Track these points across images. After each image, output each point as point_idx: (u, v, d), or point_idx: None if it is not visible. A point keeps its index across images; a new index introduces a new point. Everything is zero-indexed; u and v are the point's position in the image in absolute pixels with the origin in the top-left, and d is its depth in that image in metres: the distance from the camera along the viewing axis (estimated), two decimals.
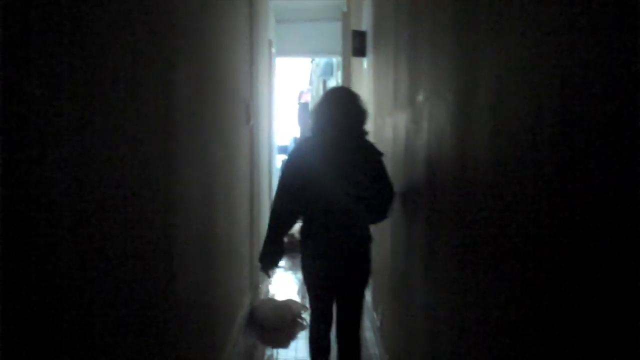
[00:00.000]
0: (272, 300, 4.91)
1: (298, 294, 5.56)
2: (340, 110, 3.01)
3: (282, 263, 6.97)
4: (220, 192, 3.41)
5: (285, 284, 6.05)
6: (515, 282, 1.31)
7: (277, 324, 4.50)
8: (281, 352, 4.16)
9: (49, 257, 1.20)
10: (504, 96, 1.41)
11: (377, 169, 2.98)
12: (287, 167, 3.03)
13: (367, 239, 3.04)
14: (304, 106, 10.90)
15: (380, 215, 3.03)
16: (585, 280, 0.98)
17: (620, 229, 0.87)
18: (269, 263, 3.06)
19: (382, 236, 3.84)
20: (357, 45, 5.10)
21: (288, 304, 4.68)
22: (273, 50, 7.50)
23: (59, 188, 1.24)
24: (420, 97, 2.49)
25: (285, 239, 3.15)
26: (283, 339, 4.39)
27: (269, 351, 4.15)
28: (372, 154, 3.01)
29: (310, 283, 3.09)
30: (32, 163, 1.13)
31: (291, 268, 6.77)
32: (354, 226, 2.97)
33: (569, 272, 1.05)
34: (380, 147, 3.12)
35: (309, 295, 3.18)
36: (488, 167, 1.52)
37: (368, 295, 4.77)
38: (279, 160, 8.51)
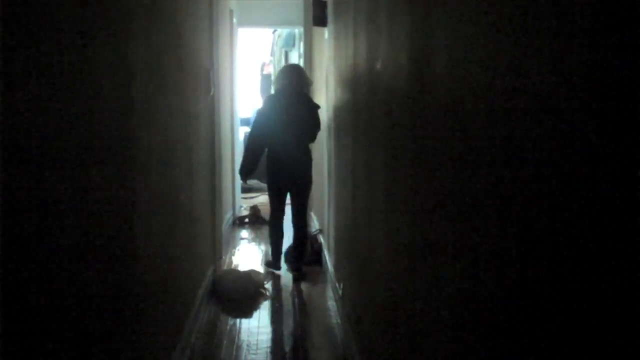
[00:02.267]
0: (235, 271, 4.92)
1: (261, 264, 5.58)
2: (292, 78, 5.01)
3: (245, 234, 6.99)
4: (181, 161, 3.39)
5: (248, 255, 6.07)
6: (474, 246, 1.34)
7: (240, 294, 4.51)
8: (244, 322, 4.18)
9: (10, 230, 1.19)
10: (456, 63, 1.42)
11: (314, 116, 5.01)
12: (257, 116, 5.12)
13: (308, 159, 5.05)
14: (266, 78, 10.84)
15: (312, 139, 5.09)
16: (553, 234, 1.01)
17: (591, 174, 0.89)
18: (245, 175, 5.14)
19: (343, 211, 3.87)
20: (318, 14, 5.08)
21: (251, 274, 4.70)
22: (234, 20, 7.42)
23: (20, 156, 1.23)
24: (378, 65, 2.50)
25: (250, 211, 5.71)
26: (246, 309, 4.41)
27: (231, 321, 4.17)
28: (311, 107, 5.03)
29: (272, 190, 5.15)
30: None
31: (254, 239, 6.78)
32: (298, 151, 4.96)
33: (528, 228, 1.07)
34: (316, 101, 5.22)
35: (271, 197, 5.20)
36: (443, 130, 1.54)
37: (330, 267, 4.81)
38: (242, 132, 8.44)
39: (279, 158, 4.95)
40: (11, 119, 1.23)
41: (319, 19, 5.05)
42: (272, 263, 5.28)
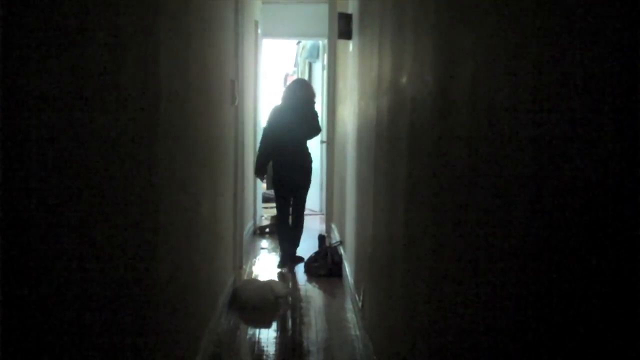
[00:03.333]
0: (255, 281, 4.94)
1: (279, 276, 5.60)
2: (298, 92, 5.84)
3: (265, 244, 7.01)
4: (204, 170, 3.42)
5: (267, 265, 6.08)
6: (492, 262, 1.35)
7: (260, 304, 4.53)
8: (263, 332, 4.20)
9: (23, 236, 1.22)
10: (481, 82, 1.43)
11: (316, 125, 5.82)
12: (266, 125, 5.95)
13: (307, 162, 5.80)
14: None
15: (311, 137, 5.87)
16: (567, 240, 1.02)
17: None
18: (260, 175, 6.14)
19: (364, 223, 3.88)
20: (343, 27, 5.10)
21: (270, 284, 4.72)
22: (259, 31, 7.48)
23: (42, 166, 1.26)
24: (403, 80, 2.52)
25: (271, 221, 6.93)
26: (265, 319, 4.43)
27: (250, 331, 4.19)
28: (315, 118, 5.83)
29: (278, 190, 5.91)
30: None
31: (274, 249, 6.80)
32: (298, 155, 5.71)
33: (545, 244, 1.08)
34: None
35: (276, 196, 5.98)
36: (466, 150, 1.55)
37: (350, 278, 4.82)
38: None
39: (283, 161, 5.75)
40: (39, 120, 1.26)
41: (344, 32, 5.08)
42: (281, 263, 5.84)
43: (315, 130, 5.79)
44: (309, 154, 5.80)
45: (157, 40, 2.23)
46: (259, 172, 5.99)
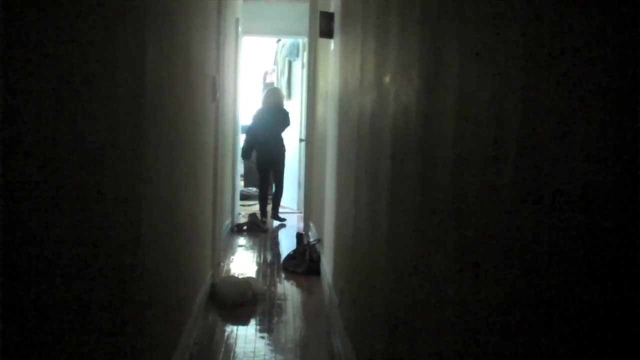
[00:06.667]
0: (234, 278, 4.94)
1: (257, 274, 5.60)
2: (271, 98, 8.27)
3: (243, 241, 7.01)
4: (185, 165, 3.42)
5: (246, 262, 6.08)
6: (475, 253, 1.37)
7: (238, 300, 4.53)
8: (241, 329, 4.20)
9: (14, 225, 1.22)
10: (467, 81, 1.46)
11: (287, 120, 8.19)
12: (252, 121, 8.28)
13: (281, 148, 8.19)
14: (268, 87, 10.87)
15: (284, 128, 8.19)
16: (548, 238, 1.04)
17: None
18: (245, 155, 8.41)
19: (344, 220, 3.90)
20: (325, 26, 5.12)
21: (249, 281, 4.72)
22: (240, 29, 7.47)
23: (35, 150, 1.26)
24: (387, 79, 2.54)
25: (249, 219, 7.83)
26: (244, 316, 4.43)
27: (229, 328, 4.19)
28: (285, 115, 8.21)
29: (260, 168, 8.21)
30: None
31: (252, 247, 6.81)
32: (274, 143, 8.07)
33: (526, 243, 1.11)
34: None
35: (259, 172, 8.29)
36: (451, 148, 1.57)
37: (328, 276, 4.84)
38: (242, 140, 8.52)
39: (264, 147, 8.14)
40: (24, 117, 1.26)
41: (326, 31, 5.09)
42: (261, 217, 8.13)
43: (285, 123, 8.22)
44: (283, 143, 8.27)
45: (143, 38, 2.23)
46: (245, 155, 8.43)
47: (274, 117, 8.10)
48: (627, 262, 0.80)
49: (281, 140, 8.21)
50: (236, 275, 5.30)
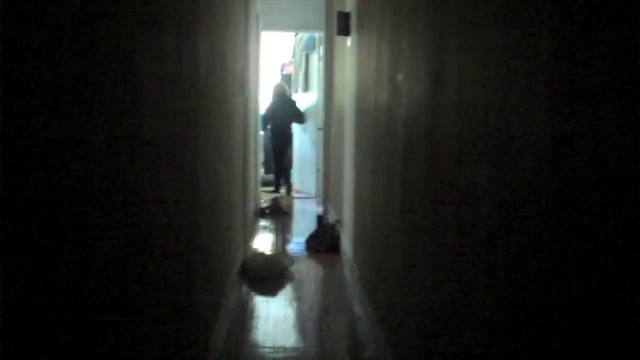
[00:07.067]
0: (262, 254, 5.45)
1: (282, 252, 6.11)
2: (278, 90, 10.03)
3: (265, 224, 7.51)
4: (224, 156, 3.91)
5: (269, 242, 6.60)
6: (474, 227, 1.84)
7: (267, 275, 5.03)
8: (271, 300, 4.70)
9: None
10: (467, 83, 1.91)
11: (296, 110, 10.02)
12: (267, 107, 9.93)
13: (289, 132, 10.20)
14: (285, 78, 11.34)
15: (297, 122, 10.06)
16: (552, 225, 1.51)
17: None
18: (264, 126, 9.90)
19: (363, 201, 4.38)
20: (342, 25, 5.57)
21: (277, 258, 5.22)
22: (260, 24, 7.94)
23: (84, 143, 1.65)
24: (399, 77, 2.99)
25: (271, 203, 8.32)
26: (272, 288, 4.94)
27: (259, 298, 4.69)
28: (294, 105, 10.07)
29: (273, 148, 10.11)
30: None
31: (275, 229, 7.32)
32: (285, 127, 10.09)
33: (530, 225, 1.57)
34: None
35: (273, 152, 10.13)
36: (454, 140, 2.03)
37: (348, 252, 5.32)
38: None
39: (276, 131, 10.01)
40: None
41: (342, 29, 5.55)
42: (276, 190, 10.11)
43: (295, 112, 9.97)
44: (290, 129, 10.19)
45: (197, 47, 2.70)
46: (264, 127, 9.93)
47: (283, 107, 9.90)
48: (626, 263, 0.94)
49: (290, 129, 10.19)
50: (264, 252, 5.81)
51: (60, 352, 1.07)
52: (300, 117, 9.91)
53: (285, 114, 9.83)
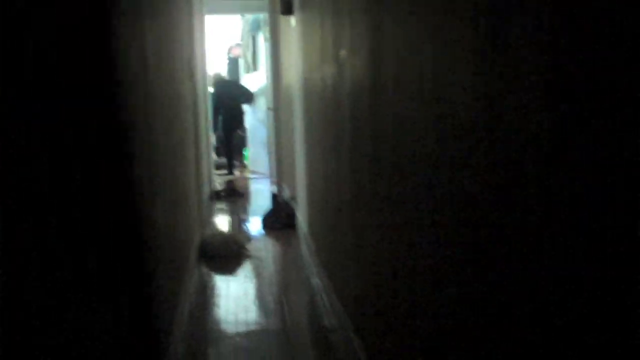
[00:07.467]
0: (220, 234, 5.55)
1: (239, 231, 6.21)
2: (219, 77, 10.38)
3: (222, 205, 7.59)
4: (178, 141, 3.98)
5: (226, 223, 6.69)
6: (420, 194, 1.97)
7: (225, 253, 5.15)
8: (231, 278, 4.81)
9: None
10: (403, 62, 2.04)
11: (243, 90, 10.29)
12: (212, 101, 9.74)
13: (238, 113, 10.36)
14: (233, 61, 11.36)
15: (246, 101, 10.24)
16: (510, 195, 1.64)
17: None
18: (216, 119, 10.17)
19: (316, 176, 4.50)
20: (285, 4, 5.66)
21: (235, 236, 5.33)
22: (204, 8, 7.95)
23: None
24: (343, 52, 3.10)
25: (225, 185, 8.49)
26: (231, 266, 5.05)
27: (219, 276, 4.80)
28: (240, 86, 10.51)
29: (225, 128, 10.26)
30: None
31: (231, 210, 7.40)
32: (234, 109, 10.22)
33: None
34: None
35: (224, 132, 10.33)
36: (393, 111, 2.16)
37: (304, 227, 5.45)
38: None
39: (225, 115, 10.20)
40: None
41: (286, 8, 5.63)
42: (229, 170, 10.18)
43: (242, 92, 10.24)
44: (240, 109, 10.35)
45: (144, 29, 2.77)
46: (215, 117, 10.01)
47: (228, 90, 10.29)
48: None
49: (240, 109, 10.44)
50: (222, 232, 5.91)
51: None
52: (248, 97, 10.12)
53: (230, 97, 10.11)
